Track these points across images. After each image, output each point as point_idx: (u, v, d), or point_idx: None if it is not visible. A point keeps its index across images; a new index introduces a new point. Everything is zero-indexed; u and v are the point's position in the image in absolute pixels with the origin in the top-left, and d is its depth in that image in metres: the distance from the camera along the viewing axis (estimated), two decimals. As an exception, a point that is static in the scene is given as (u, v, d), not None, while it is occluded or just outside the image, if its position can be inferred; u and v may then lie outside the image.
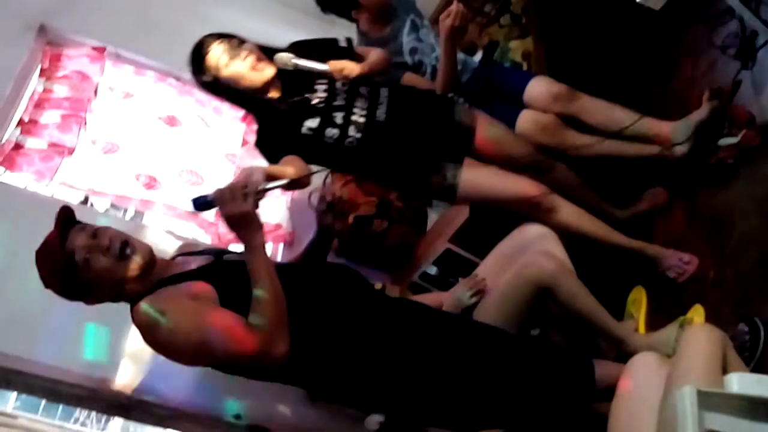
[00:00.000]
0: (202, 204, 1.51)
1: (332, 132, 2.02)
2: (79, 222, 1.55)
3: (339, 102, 2.06)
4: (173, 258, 1.69)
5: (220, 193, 1.45)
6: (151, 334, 1.42)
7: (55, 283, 1.51)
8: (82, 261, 1.47)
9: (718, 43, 2.10)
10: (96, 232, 1.50)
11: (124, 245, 1.50)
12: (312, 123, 2.02)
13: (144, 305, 1.43)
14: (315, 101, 2.05)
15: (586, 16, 2.76)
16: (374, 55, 2.19)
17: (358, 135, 2.03)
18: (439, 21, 2.20)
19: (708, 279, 1.88)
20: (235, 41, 2.02)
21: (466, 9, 2.14)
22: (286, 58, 2.05)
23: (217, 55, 1.99)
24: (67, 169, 2.73)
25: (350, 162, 2.08)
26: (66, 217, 1.52)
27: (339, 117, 2.04)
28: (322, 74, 2.07)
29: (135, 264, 1.50)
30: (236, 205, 1.43)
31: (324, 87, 2.08)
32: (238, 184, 1.45)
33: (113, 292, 1.53)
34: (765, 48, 1.95)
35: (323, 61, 2.07)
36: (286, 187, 1.70)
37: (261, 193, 1.48)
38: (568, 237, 1.99)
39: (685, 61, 2.34)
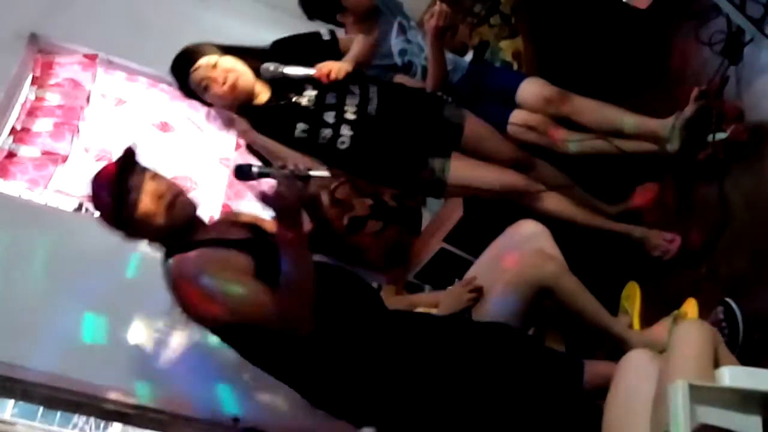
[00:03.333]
0: (244, 174, 1.48)
1: (326, 132, 2.04)
2: (140, 164, 1.61)
3: (330, 100, 2.08)
4: (215, 223, 1.73)
5: (284, 179, 1.41)
6: (185, 288, 1.46)
7: (103, 210, 1.59)
8: (133, 200, 1.53)
9: (705, 39, 2.11)
10: (154, 177, 1.58)
11: (176, 197, 1.56)
12: (304, 125, 2.03)
13: (185, 259, 1.48)
14: (305, 102, 2.06)
15: (575, 15, 2.78)
16: (357, 45, 2.21)
17: (351, 133, 2.05)
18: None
19: (700, 272, 1.90)
20: (214, 58, 2.00)
21: (449, 9, 2.16)
22: (273, 69, 2.04)
23: (198, 78, 2.01)
24: (61, 176, 2.73)
25: (343, 162, 2.09)
26: (129, 155, 1.59)
27: (330, 116, 2.06)
28: (309, 79, 2.08)
29: (178, 216, 1.56)
30: (294, 191, 1.40)
31: (312, 86, 2.09)
32: (298, 165, 1.43)
33: (152, 235, 1.60)
34: (751, 44, 1.97)
35: (310, 64, 2.08)
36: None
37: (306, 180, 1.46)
38: (555, 224, 2.01)
39: (673, 58, 2.36)
